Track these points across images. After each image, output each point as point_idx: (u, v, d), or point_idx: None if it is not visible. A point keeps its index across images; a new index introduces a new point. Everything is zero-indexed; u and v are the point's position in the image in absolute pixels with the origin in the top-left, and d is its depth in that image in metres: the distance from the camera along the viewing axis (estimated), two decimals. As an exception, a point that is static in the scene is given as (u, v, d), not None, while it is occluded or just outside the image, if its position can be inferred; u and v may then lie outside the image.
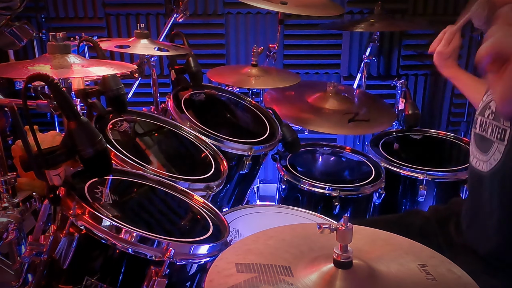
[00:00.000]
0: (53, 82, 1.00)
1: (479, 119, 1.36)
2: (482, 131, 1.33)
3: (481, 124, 1.34)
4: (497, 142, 1.26)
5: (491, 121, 1.30)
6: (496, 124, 1.27)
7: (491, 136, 1.28)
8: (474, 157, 1.36)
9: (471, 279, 0.90)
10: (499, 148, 1.25)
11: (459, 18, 1.60)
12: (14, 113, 1.12)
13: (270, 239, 1.02)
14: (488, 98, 1.35)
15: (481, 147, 1.33)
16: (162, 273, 1.09)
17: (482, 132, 1.33)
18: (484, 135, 1.32)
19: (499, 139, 1.25)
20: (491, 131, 1.29)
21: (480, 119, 1.36)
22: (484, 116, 1.34)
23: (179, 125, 1.79)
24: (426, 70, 3.08)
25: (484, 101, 1.36)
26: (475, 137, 1.38)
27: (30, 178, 1.79)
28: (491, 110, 1.31)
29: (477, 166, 1.34)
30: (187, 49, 1.97)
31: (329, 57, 3.06)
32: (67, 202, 1.11)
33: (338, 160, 2.22)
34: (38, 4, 2.85)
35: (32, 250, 1.16)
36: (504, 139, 1.23)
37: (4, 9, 1.57)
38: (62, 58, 1.28)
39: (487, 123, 1.31)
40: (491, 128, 1.29)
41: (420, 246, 1.02)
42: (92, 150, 1.03)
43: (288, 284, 0.86)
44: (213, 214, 1.40)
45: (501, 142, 1.24)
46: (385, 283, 0.87)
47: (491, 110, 1.31)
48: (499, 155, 1.25)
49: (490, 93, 1.35)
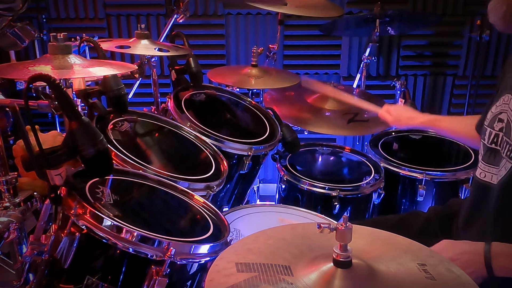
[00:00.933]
0: (54, 82, 1.00)
1: (488, 131, 1.33)
2: (491, 143, 1.31)
3: (489, 136, 1.32)
4: (505, 159, 1.24)
5: (503, 135, 1.27)
6: (507, 140, 1.25)
7: (502, 152, 1.26)
8: (479, 168, 1.34)
9: (470, 279, 0.90)
10: (506, 166, 1.24)
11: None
12: (16, 113, 1.12)
13: (270, 239, 1.02)
14: (497, 109, 1.32)
15: (489, 160, 1.31)
16: (162, 272, 1.09)
17: (491, 145, 1.31)
18: (494, 148, 1.30)
19: (508, 156, 1.23)
20: (502, 146, 1.27)
21: (489, 131, 1.33)
22: (493, 128, 1.31)
23: (180, 125, 1.79)
24: (425, 71, 3.08)
25: (493, 113, 1.33)
26: (483, 149, 1.35)
27: (32, 178, 1.80)
28: (503, 124, 1.28)
29: (483, 178, 1.32)
30: (188, 50, 1.97)
31: (328, 57, 3.07)
32: (68, 201, 1.12)
33: (338, 160, 2.23)
34: (39, 5, 2.86)
35: (33, 250, 1.16)
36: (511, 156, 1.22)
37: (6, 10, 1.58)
38: (63, 59, 1.28)
39: (499, 137, 1.29)
40: (502, 143, 1.27)
41: (419, 245, 1.02)
42: (93, 150, 1.03)
43: (288, 284, 0.86)
44: (213, 214, 1.40)
45: (509, 160, 1.23)
46: (384, 283, 0.87)
47: (503, 123, 1.28)
48: (504, 171, 1.25)
49: (499, 104, 1.32)
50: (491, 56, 2.98)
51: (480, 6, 2.82)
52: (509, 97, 1.28)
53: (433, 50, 3.07)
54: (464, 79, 3.04)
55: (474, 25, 2.82)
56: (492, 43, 2.94)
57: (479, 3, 2.84)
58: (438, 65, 3.09)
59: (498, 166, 1.27)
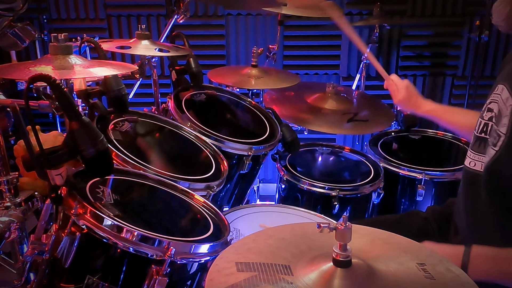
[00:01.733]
0: (55, 82, 1.00)
1: (479, 121, 1.36)
2: (480, 132, 1.33)
3: (479, 125, 1.35)
4: (491, 146, 1.26)
5: (493, 124, 1.29)
6: (496, 129, 1.26)
7: (489, 141, 1.28)
8: (468, 157, 1.36)
9: (469, 278, 0.90)
10: (490, 152, 1.25)
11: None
12: (17, 114, 1.13)
13: (270, 238, 1.02)
14: (488, 99, 1.34)
15: (478, 148, 1.33)
16: (163, 272, 1.09)
17: (480, 134, 1.33)
18: (483, 137, 1.31)
19: (493, 144, 1.25)
20: (491, 135, 1.28)
21: (479, 121, 1.35)
22: (483, 118, 1.34)
23: (180, 125, 1.79)
24: (424, 71, 3.09)
25: (486, 104, 1.35)
26: (473, 138, 1.37)
27: (32, 178, 1.80)
28: (492, 113, 1.30)
29: (473, 167, 1.33)
30: (188, 50, 1.98)
31: (328, 58, 3.08)
32: (69, 201, 1.12)
33: (338, 160, 2.23)
34: (40, 5, 2.86)
35: (34, 249, 1.16)
36: (496, 145, 1.24)
37: (7, 10, 1.58)
38: (64, 59, 1.28)
39: (488, 126, 1.30)
40: (491, 132, 1.29)
41: (418, 245, 1.02)
42: (93, 150, 1.03)
43: (287, 283, 0.86)
44: (214, 214, 1.40)
45: (494, 148, 1.25)
46: (384, 282, 0.87)
47: (492, 113, 1.30)
48: (488, 158, 1.26)
49: (491, 94, 1.34)
50: (490, 57, 2.99)
51: (479, 6, 2.82)
52: (501, 87, 1.29)
53: (432, 50, 3.08)
54: (463, 79, 3.05)
55: (473, 25, 2.84)
56: (491, 44, 2.94)
57: (478, 4, 2.85)
58: (438, 65, 3.09)
59: (484, 154, 1.29)
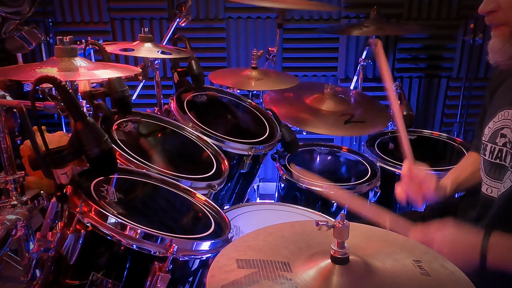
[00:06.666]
0: (60, 84, 1.01)
1: (490, 146, 1.33)
2: (495, 158, 1.31)
3: (492, 152, 1.32)
4: (510, 170, 1.24)
5: (508, 149, 1.26)
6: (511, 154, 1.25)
7: (509, 166, 1.25)
8: (485, 184, 1.34)
9: (463, 274, 0.91)
10: (511, 177, 1.24)
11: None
12: (23, 114, 1.12)
13: (269, 236, 1.03)
14: (496, 125, 1.32)
15: (495, 175, 1.31)
16: (165, 268, 1.11)
17: (495, 160, 1.31)
18: (498, 163, 1.30)
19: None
20: (507, 160, 1.26)
21: (490, 146, 1.33)
22: (496, 144, 1.31)
23: (182, 126, 1.81)
24: (420, 73, 3.11)
25: (492, 128, 1.33)
26: (484, 164, 1.35)
27: (38, 177, 1.80)
28: (506, 139, 1.28)
29: (490, 193, 1.32)
30: (190, 52, 1.99)
31: (326, 60, 3.09)
32: (74, 200, 1.13)
33: (335, 160, 2.25)
34: (46, 9, 2.88)
35: (40, 246, 1.18)
36: None
37: (14, 14, 1.59)
38: (69, 61, 1.29)
39: (503, 152, 1.29)
40: (507, 157, 1.27)
41: (414, 242, 1.04)
42: (98, 150, 1.04)
43: (287, 280, 0.88)
44: (215, 212, 1.42)
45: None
46: (380, 279, 0.89)
47: (506, 138, 1.28)
48: (509, 183, 1.24)
49: (498, 120, 1.32)
50: (484, 59, 2.98)
51: (473, 10, 2.83)
52: (509, 112, 1.28)
53: (427, 53, 3.10)
54: (458, 81, 3.07)
55: (468, 28, 2.85)
56: (485, 46, 2.93)
57: (472, 8, 2.86)
58: (433, 68, 3.11)
59: (502, 180, 1.27)
